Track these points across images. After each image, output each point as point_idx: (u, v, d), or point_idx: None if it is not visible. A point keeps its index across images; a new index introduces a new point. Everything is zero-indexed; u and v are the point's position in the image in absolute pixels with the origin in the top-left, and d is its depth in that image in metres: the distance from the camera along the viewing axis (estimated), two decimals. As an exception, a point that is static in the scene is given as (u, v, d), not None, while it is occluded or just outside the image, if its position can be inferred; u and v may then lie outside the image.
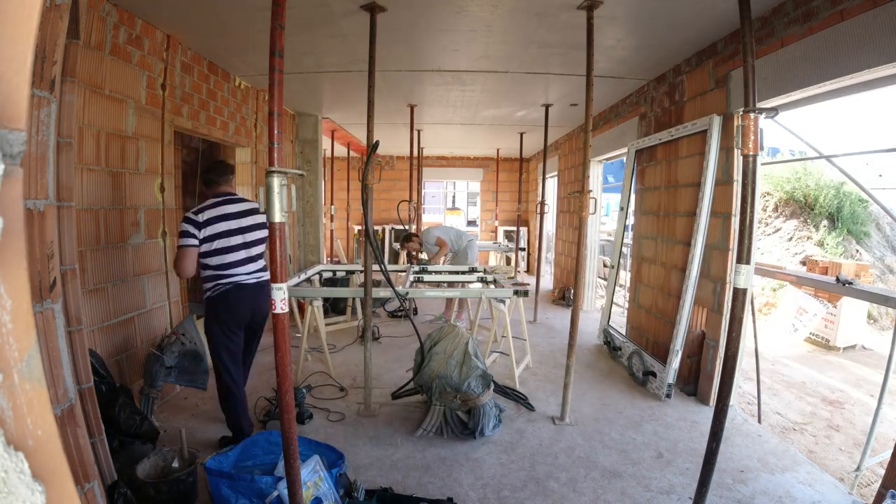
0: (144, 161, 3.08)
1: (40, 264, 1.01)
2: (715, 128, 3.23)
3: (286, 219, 1.67)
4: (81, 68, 2.41)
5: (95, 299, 2.67)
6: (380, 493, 2.21)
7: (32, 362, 0.40)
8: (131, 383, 2.89)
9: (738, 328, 1.92)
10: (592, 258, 6.40)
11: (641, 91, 4.55)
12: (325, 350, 3.88)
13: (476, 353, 2.97)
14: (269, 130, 1.67)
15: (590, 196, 2.94)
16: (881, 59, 2.07)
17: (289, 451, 1.68)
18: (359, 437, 2.84)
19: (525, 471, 2.52)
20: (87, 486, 1.14)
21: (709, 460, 1.94)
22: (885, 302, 2.72)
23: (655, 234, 4.15)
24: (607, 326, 4.65)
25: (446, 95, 5.06)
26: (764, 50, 2.78)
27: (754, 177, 1.83)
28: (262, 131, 4.95)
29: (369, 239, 3.02)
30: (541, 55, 3.69)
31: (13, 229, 0.39)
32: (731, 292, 2.63)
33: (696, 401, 3.40)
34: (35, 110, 1.02)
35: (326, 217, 7.41)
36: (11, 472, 0.37)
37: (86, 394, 1.81)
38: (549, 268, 9.02)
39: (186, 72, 3.58)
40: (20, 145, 0.39)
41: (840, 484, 2.45)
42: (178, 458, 2.22)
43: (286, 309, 1.67)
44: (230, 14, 2.98)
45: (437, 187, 12.39)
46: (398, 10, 2.86)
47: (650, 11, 2.87)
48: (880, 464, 2.65)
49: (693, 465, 2.53)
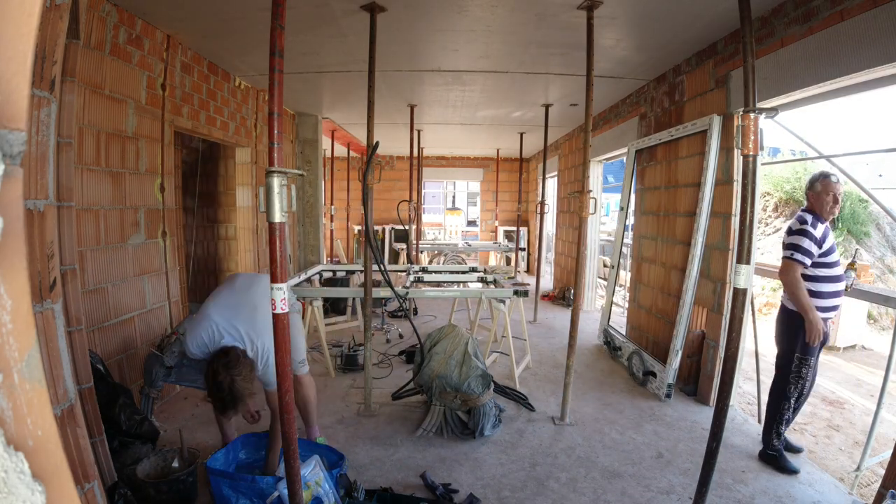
0: (144, 161, 3.08)
1: (40, 264, 1.01)
2: (715, 128, 3.23)
3: (286, 219, 1.67)
4: (81, 68, 2.41)
5: (95, 299, 2.67)
6: (380, 493, 2.21)
7: (32, 362, 0.40)
8: (131, 383, 2.89)
9: (738, 328, 1.91)
10: (592, 258, 6.40)
11: (641, 91, 4.55)
12: (325, 350, 3.88)
13: (476, 353, 2.97)
14: (269, 130, 1.67)
15: (590, 196, 2.93)
16: (881, 59, 2.07)
17: (289, 451, 1.68)
18: (359, 437, 2.84)
19: (525, 471, 2.52)
20: (87, 486, 1.14)
21: (709, 460, 1.93)
22: (885, 302, 2.72)
23: (655, 234, 4.15)
24: (607, 326, 4.65)
25: (446, 95, 5.06)
26: (764, 50, 2.77)
27: (754, 177, 1.83)
28: (262, 131, 4.95)
29: (369, 240, 3.02)
30: (541, 55, 3.69)
31: (13, 229, 0.39)
32: (731, 292, 2.63)
33: (696, 401, 3.40)
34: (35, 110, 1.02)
35: (326, 217, 7.41)
36: (11, 472, 0.37)
37: (86, 394, 1.81)
38: (549, 268, 9.02)
39: (186, 72, 3.58)
40: (20, 145, 0.39)
41: (840, 484, 2.45)
42: (178, 458, 2.22)
43: (286, 309, 1.67)
44: (230, 14, 2.98)
45: (437, 187, 12.40)
46: (398, 10, 2.86)
47: (650, 11, 2.87)
48: (880, 464, 2.65)
49: (693, 465, 2.53)
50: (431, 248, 8.53)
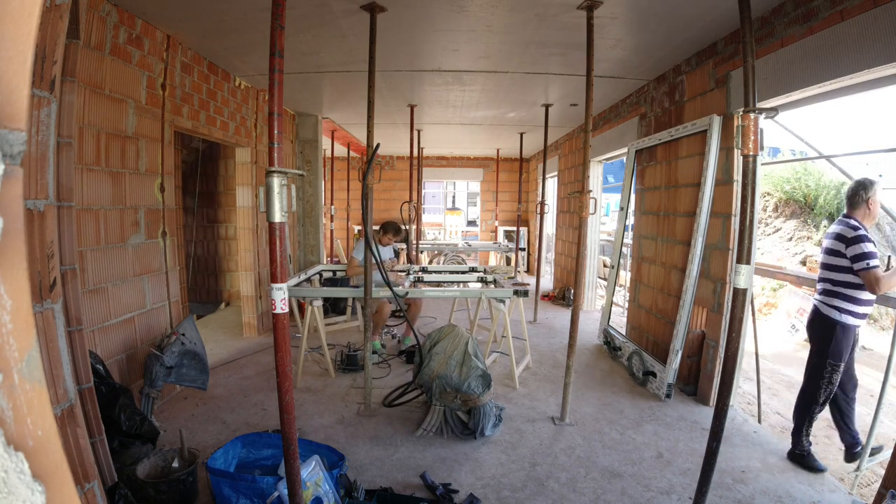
0: (144, 161, 3.08)
1: (40, 264, 1.01)
2: (715, 128, 3.23)
3: (286, 219, 1.67)
4: (81, 68, 2.41)
5: (95, 299, 2.67)
6: (380, 493, 2.21)
7: (32, 362, 0.40)
8: (131, 383, 2.89)
9: (738, 328, 1.92)
10: (592, 258, 6.39)
11: (641, 91, 4.55)
12: (325, 350, 3.88)
13: (476, 353, 2.97)
14: (269, 130, 1.67)
15: (590, 196, 2.93)
16: (881, 59, 2.07)
17: (289, 451, 1.68)
18: (359, 437, 2.84)
19: (525, 471, 2.52)
20: (87, 486, 1.14)
21: (709, 460, 1.93)
22: (885, 302, 2.72)
23: (655, 234, 4.15)
24: (607, 326, 4.65)
25: (446, 95, 5.06)
26: (764, 50, 2.78)
27: (754, 177, 1.83)
28: (262, 131, 4.95)
29: (369, 243, 3.02)
30: (541, 55, 3.69)
31: (13, 229, 0.39)
32: (731, 292, 2.64)
33: (696, 401, 3.40)
34: (35, 110, 1.02)
35: (326, 217, 7.41)
36: (11, 472, 0.37)
37: (86, 394, 1.81)
38: (549, 268, 9.02)
39: (186, 72, 3.58)
40: (20, 145, 0.39)
41: (840, 484, 2.46)
42: (178, 458, 2.22)
43: (286, 309, 1.67)
44: (230, 14, 2.98)
45: (437, 187, 12.40)
46: (398, 10, 2.86)
47: (650, 11, 2.87)
48: (880, 464, 2.65)
49: (693, 465, 2.53)
50: (431, 248, 8.53)
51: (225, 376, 3.80)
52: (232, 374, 3.85)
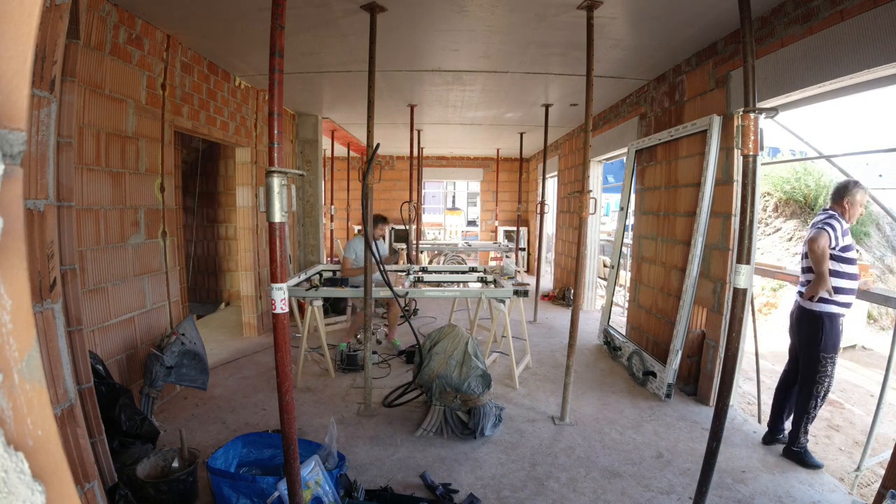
0: (144, 161, 3.08)
1: (40, 264, 1.01)
2: (715, 128, 3.23)
3: (286, 219, 1.67)
4: (81, 68, 2.41)
5: (95, 299, 2.67)
6: (380, 493, 2.21)
7: (32, 362, 0.40)
8: (131, 383, 2.89)
9: (738, 328, 1.91)
10: (592, 258, 6.40)
11: (641, 91, 4.55)
12: (325, 350, 3.88)
13: (476, 353, 2.96)
14: (269, 130, 1.67)
15: (590, 196, 2.93)
16: (881, 59, 2.07)
17: (289, 451, 1.68)
18: (359, 437, 2.84)
19: (525, 471, 2.52)
20: (87, 486, 1.14)
21: (709, 460, 1.93)
22: (885, 302, 2.72)
23: (655, 234, 4.15)
24: (607, 326, 4.65)
25: (446, 95, 5.06)
26: (764, 50, 2.77)
27: (754, 177, 1.83)
28: (262, 131, 4.95)
29: (368, 244, 3.02)
30: (540, 55, 3.69)
31: (13, 229, 0.39)
32: (731, 292, 2.64)
33: (696, 401, 3.40)
34: (35, 110, 1.02)
35: (326, 217, 7.41)
36: (11, 472, 0.37)
37: (86, 394, 1.81)
38: (549, 268, 9.02)
39: (186, 72, 3.58)
40: (20, 145, 0.39)
41: (840, 484, 2.45)
42: (178, 458, 2.22)
43: (286, 309, 1.67)
44: (230, 14, 2.98)
45: (437, 187, 12.40)
46: (398, 9, 2.86)
47: (650, 11, 2.87)
48: (880, 464, 2.65)
49: (693, 465, 2.53)
50: (431, 248, 8.53)
51: (225, 376, 3.80)
52: (232, 374, 3.85)
